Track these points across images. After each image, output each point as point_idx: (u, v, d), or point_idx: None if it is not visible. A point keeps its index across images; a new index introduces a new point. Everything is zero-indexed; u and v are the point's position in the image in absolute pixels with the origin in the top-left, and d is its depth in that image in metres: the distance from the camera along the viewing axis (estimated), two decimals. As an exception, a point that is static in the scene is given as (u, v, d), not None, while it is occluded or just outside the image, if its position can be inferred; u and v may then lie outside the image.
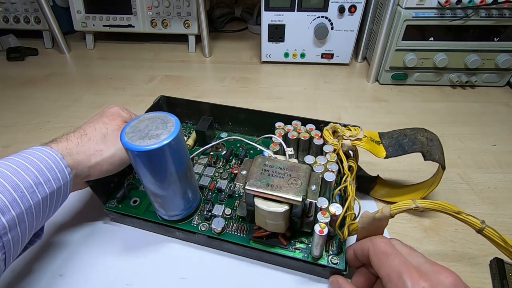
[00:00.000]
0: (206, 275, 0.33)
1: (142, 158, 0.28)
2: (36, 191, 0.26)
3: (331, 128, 0.38)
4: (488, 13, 0.55)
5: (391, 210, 0.27)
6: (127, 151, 0.28)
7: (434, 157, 0.34)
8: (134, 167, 0.30)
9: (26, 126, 0.56)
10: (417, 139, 0.35)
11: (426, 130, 0.36)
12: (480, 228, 0.26)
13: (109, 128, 0.34)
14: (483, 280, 0.33)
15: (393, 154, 0.35)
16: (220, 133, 0.48)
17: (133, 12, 0.79)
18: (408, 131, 0.36)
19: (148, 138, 0.27)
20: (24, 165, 0.26)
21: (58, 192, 0.28)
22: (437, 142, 0.35)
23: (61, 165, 0.29)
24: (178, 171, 0.30)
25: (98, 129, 0.33)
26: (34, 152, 0.28)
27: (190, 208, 0.35)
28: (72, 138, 0.32)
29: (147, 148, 0.27)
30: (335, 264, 0.31)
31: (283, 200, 0.29)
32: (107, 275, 0.34)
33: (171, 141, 0.27)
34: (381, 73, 0.66)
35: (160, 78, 0.71)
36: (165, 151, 0.28)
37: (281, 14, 0.68)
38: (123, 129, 0.29)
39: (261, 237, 0.33)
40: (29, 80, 0.70)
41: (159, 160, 0.28)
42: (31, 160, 0.27)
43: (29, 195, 0.26)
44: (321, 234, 0.28)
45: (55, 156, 0.28)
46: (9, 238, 0.24)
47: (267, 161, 0.32)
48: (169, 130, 0.28)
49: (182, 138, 0.30)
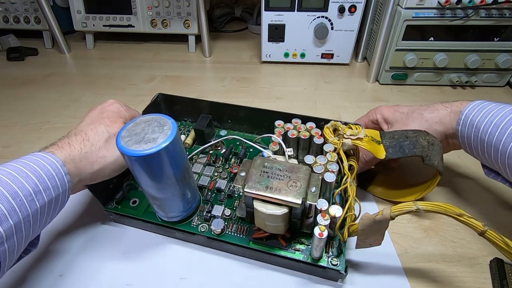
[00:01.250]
0: (205, 276, 0.33)
1: (139, 162, 0.27)
2: (35, 199, 0.25)
3: (331, 126, 0.38)
4: (488, 13, 0.55)
5: (391, 212, 0.27)
6: (123, 155, 0.28)
7: (433, 162, 0.34)
8: (132, 171, 0.30)
9: (26, 126, 0.56)
10: (418, 142, 0.35)
11: (428, 133, 0.36)
12: (482, 230, 0.26)
13: (111, 131, 0.33)
14: (483, 280, 0.33)
15: (393, 156, 0.34)
16: (219, 130, 0.47)
17: (133, 12, 0.78)
18: (410, 133, 0.36)
19: (144, 142, 0.27)
20: (24, 172, 0.26)
21: (56, 200, 0.28)
22: (438, 146, 0.35)
23: (61, 173, 0.28)
24: (176, 174, 0.30)
25: (100, 133, 0.33)
26: (35, 158, 0.27)
27: (189, 209, 0.35)
28: (75, 143, 0.31)
29: (144, 153, 0.26)
30: (335, 266, 0.31)
31: (283, 203, 0.29)
32: (107, 275, 0.34)
33: (168, 145, 0.27)
34: (381, 73, 0.66)
35: (160, 78, 0.71)
36: (162, 155, 0.27)
37: (281, 14, 0.68)
38: (119, 132, 0.28)
39: (261, 238, 0.33)
40: (29, 80, 0.70)
41: (156, 164, 0.28)
42: (32, 167, 0.26)
43: (27, 204, 0.25)
44: (321, 237, 0.28)
45: (56, 163, 0.28)
46: (5, 248, 0.24)
47: (266, 162, 0.32)
48: (166, 133, 0.28)
49: (179, 141, 0.29)
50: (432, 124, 0.37)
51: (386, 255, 0.35)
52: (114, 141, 0.33)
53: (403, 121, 0.39)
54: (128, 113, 0.37)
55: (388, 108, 0.42)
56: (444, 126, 0.37)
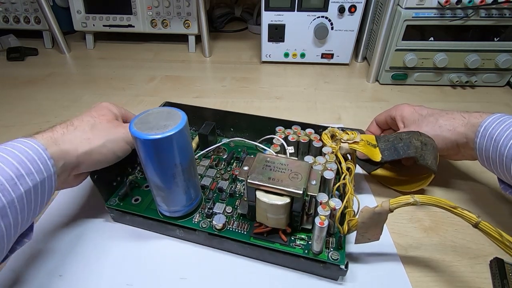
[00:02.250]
0: (206, 275, 0.33)
1: (150, 146, 0.29)
2: (17, 183, 0.25)
3: (329, 132, 0.39)
4: (488, 13, 0.55)
5: (390, 204, 0.28)
6: (135, 140, 0.29)
7: (426, 162, 0.36)
8: (140, 157, 0.30)
9: (26, 126, 0.56)
10: (412, 143, 0.36)
11: (421, 134, 0.37)
12: (476, 222, 0.27)
13: (97, 120, 0.33)
14: (483, 280, 0.32)
15: (388, 158, 0.36)
16: (222, 138, 0.49)
17: (133, 12, 0.79)
18: (404, 135, 0.37)
19: (156, 128, 0.29)
20: (3, 157, 0.25)
21: (43, 186, 0.27)
22: (431, 146, 0.37)
23: (44, 157, 0.27)
24: (183, 164, 0.31)
25: (86, 121, 0.33)
26: (15, 144, 0.27)
27: (191, 205, 0.36)
28: (58, 128, 0.31)
29: (155, 137, 0.28)
30: (335, 260, 0.31)
31: (284, 193, 0.30)
32: (107, 275, 0.34)
33: (178, 131, 0.29)
34: (381, 73, 0.66)
35: (160, 78, 0.71)
36: (172, 141, 0.29)
37: (281, 14, 0.68)
38: (132, 121, 0.30)
39: (262, 234, 0.33)
40: (29, 80, 0.70)
41: (165, 150, 0.29)
42: (11, 152, 0.26)
43: (10, 188, 0.24)
44: (322, 226, 0.29)
45: (37, 148, 0.27)
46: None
47: (269, 158, 0.33)
48: (176, 122, 0.29)
49: (188, 131, 0.31)
50: (444, 131, 0.37)
51: (387, 255, 0.35)
52: (100, 127, 0.33)
53: (418, 123, 0.40)
54: (118, 110, 0.37)
55: (410, 107, 0.42)
56: (457, 135, 0.36)
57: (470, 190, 0.43)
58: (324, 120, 0.57)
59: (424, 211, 0.40)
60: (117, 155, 0.34)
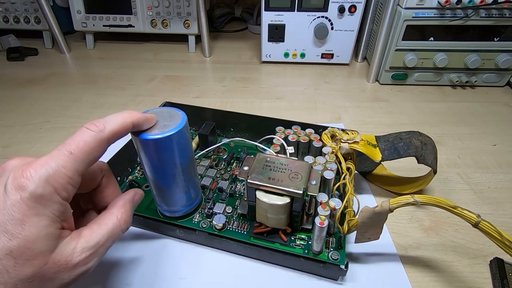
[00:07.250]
0: (205, 275, 0.33)
1: (150, 146, 0.29)
2: None
3: (329, 132, 0.39)
4: (488, 13, 0.55)
5: (390, 204, 0.28)
6: (135, 140, 0.29)
7: (427, 161, 0.36)
8: (140, 157, 0.30)
9: (26, 126, 0.56)
10: (412, 143, 0.36)
11: (421, 133, 0.37)
12: (476, 222, 0.26)
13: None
14: (483, 280, 0.32)
15: (388, 158, 0.36)
16: (222, 138, 0.49)
17: (133, 12, 0.79)
18: (404, 134, 0.37)
19: (156, 128, 0.29)
20: None
21: None
22: (431, 146, 0.37)
23: None
24: (183, 164, 0.31)
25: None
26: None
27: (191, 205, 0.36)
28: None
29: (155, 137, 0.28)
30: (335, 260, 0.31)
31: (284, 192, 0.30)
32: (106, 275, 0.34)
33: (178, 131, 0.29)
34: (381, 73, 0.66)
35: (160, 78, 0.71)
36: (172, 141, 0.29)
37: (281, 14, 0.68)
38: None
39: (262, 233, 0.33)
40: (29, 80, 0.70)
41: (165, 150, 0.29)
42: None
43: None
44: (322, 226, 0.29)
45: None
46: None
47: (269, 158, 0.33)
48: (176, 122, 0.29)
49: (188, 132, 0.31)
50: None
51: (386, 255, 0.35)
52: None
53: None
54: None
55: None
56: None
57: (470, 190, 0.43)
58: (324, 120, 0.57)
59: (424, 211, 0.40)
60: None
